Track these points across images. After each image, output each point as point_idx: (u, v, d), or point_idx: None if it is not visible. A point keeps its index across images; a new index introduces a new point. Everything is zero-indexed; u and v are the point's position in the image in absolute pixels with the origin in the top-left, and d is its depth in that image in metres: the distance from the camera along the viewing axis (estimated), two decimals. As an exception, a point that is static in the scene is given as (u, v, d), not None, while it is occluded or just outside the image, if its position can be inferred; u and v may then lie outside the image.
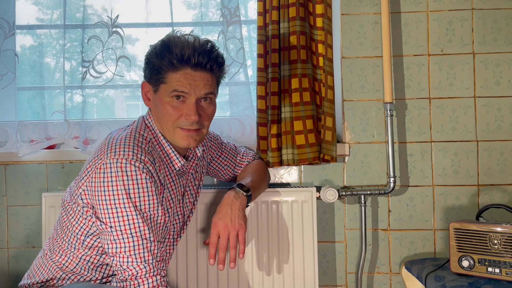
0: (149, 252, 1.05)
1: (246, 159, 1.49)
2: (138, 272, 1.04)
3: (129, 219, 1.04)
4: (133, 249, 1.04)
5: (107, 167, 1.04)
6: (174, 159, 1.18)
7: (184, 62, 1.09)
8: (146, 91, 1.19)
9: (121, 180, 1.03)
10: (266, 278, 1.48)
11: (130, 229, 1.04)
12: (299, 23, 1.53)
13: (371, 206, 1.61)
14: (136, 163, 1.05)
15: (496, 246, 1.23)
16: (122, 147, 1.06)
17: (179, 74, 1.10)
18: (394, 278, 1.61)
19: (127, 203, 1.03)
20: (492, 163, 1.60)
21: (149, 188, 1.06)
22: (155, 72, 1.12)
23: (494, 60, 1.61)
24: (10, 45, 1.66)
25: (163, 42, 1.13)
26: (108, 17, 1.65)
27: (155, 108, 1.17)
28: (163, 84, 1.12)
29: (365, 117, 1.62)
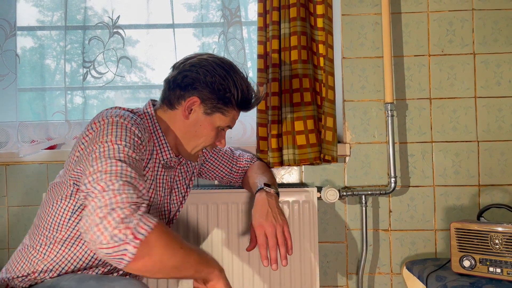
0: (125, 175, 0.95)
1: (243, 159, 1.48)
2: (109, 185, 0.92)
3: (110, 148, 0.99)
4: (110, 169, 0.95)
5: (97, 121, 1.06)
6: (164, 150, 1.19)
7: (247, 109, 1.24)
8: (191, 105, 1.16)
9: (111, 125, 1.04)
10: (267, 278, 1.48)
11: (110, 156, 0.98)
12: (300, 24, 1.53)
13: (372, 207, 1.61)
14: (127, 120, 1.06)
15: (497, 246, 1.23)
16: (115, 113, 1.08)
17: (237, 114, 1.23)
18: (395, 279, 1.61)
19: (113, 141, 1.00)
20: (493, 163, 1.60)
21: (136, 135, 1.05)
22: (221, 102, 1.16)
23: (494, 61, 1.61)
24: (11, 46, 1.66)
25: (243, 86, 1.18)
26: (109, 18, 1.65)
27: (192, 124, 1.18)
28: (220, 114, 1.18)
29: (365, 118, 1.62)
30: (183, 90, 1.16)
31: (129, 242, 0.87)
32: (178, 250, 0.94)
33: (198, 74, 1.15)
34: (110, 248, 0.87)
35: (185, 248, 0.96)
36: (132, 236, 0.87)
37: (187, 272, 0.98)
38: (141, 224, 0.89)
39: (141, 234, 0.88)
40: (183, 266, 0.96)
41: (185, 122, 1.18)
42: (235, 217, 1.49)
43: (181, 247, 0.95)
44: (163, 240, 0.91)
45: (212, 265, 1.03)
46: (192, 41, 1.79)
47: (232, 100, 1.17)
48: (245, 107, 1.22)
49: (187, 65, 1.17)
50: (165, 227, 0.94)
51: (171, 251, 0.93)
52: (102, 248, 0.87)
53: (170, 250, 0.92)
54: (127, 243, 0.87)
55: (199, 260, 0.99)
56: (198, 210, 1.50)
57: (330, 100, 1.53)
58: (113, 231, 0.87)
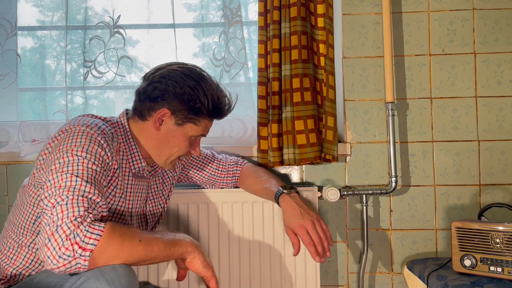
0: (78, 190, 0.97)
1: (227, 162, 1.48)
2: (59, 201, 0.94)
3: (70, 160, 1.00)
4: (64, 184, 0.97)
5: (65, 129, 1.08)
6: (136, 159, 1.19)
7: (220, 117, 1.24)
8: (162, 117, 1.16)
9: (76, 134, 1.05)
10: (268, 277, 1.48)
11: (68, 170, 0.99)
12: (300, 23, 1.53)
13: (372, 206, 1.61)
14: (93, 129, 1.07)
15: (498, 245, 1.23)
16: (83, 122, 1.09)
17: (210, 122, 1.23)
18: (396, 278, 1.61)
19: (74, 152, 1.02)
20: (494, 163, 1.60)
21: (100, 145, 1.05)
22: (191, 112, 1.16)
23: (495, 60, 1.61)
24: (12, 45, 1.66)
25: (214, 96, 1.17)
26: (110, 17, 1.65)
27: (164, 135, 1.18)
28: (192, 124, 1.18)
29: (366, 117, 1.63)
30: (153, 102, 1.16)
31: (78, 257, 0.89)
32: (136, 244, 0.96)
33: (167, 86, 1.14)
34: (62, 267, 0.90)
35: (146, 239, 0.97)
36: (81, 250, 0.90)
37: (156, 259, 1.00)
38: (89, 235, 0.91)
39: (90, 244, 0.90)
40: (148, 256, 0.98)
41: (157, 133, 1.18)
42: (239, 216, 1.49)
43: (140, 240, 0.96)
44: (117, 240, 0.93)
45: (183, 244, 1.04)
46: (193, 41, 1.79)
47: (203, 110, 1.17)
48: (217, 116, 1.23)
49: (157, 76, 1.16)
50: (118, 228, 0.96)
51: (129, 248, 0.94)
52: (54, 268, 0.90)
53: (127, 247, 0.94)
54: (76, 258, 0.89)
55: (165, 245, 1.01)
56: (199, 210, 1.50)
57: (331, 99, 1.53)
58: (60, 250, 0.89)
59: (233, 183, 1.49)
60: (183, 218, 1.50)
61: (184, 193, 1.50)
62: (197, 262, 1.06)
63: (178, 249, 1.03)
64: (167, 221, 1.50)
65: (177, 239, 1.04)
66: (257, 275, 1.48)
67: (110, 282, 0.89)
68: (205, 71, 1.21)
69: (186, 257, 1.05)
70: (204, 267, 1.07)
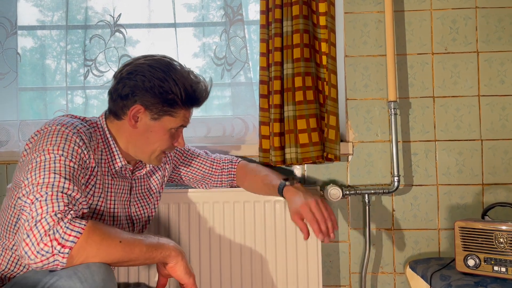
0: (56, 186, 0.96)
1: (222, 161, 1.46)
2: (38, 197, 0.93)
3: (46, 158, 1.00)
4: (42, 181, 0.96)
5: (41, 129, 1.08)
6: (115, 158, 1.17)
7: (197, 105, 1.20)
8: (136, 114, 1.14)
9: (51, 134, 1.04)
10: (269, 277, 1.47)
11: (45, 167, 0.99)
12: (303, 21, 1.52)
13: (375, 206, 1.60)
14: (68, 128, 1.06)
15: (502, 245, 1.22)
16: (58, 122, 1.08)
17: (188, 112, 1.19)
18: (398, 278, 1.60)
19: (50, 150, 1.01)
20: (497, 162, 1.59)
21: (76, 144, 1.04)
22: (166, 104, 1.13)
23: (498, 59, 1.60)
24: (12, 44, 1.65)
25: (186, 84, 1.13)
26: (110, 16, 1.65)
27: (142, 132, 1.15)
28: (169, 116, 1.15)
29: (368, 116, 1.62)
30: (125, 100, 1.13)
31: (56, 254, 0.89)
32: (116, 245, 0.94)
33: (136, 81, 1.11)
34: (40, 262, 0.89)
35: (126, 240, 0.96)
36: (60, 247, 0.89)
37: (137, 261, 0.99)
38: (69, 232, 0.90)
39: (69, 242, 0.89)
40: (128, 257, 0.97)
41: (135, 131, 1.15)
42: (241, 216, 1.48)
43: (120, 241, 0.95)
44: (96, 240, 0.92)
45: (166, 248, 1.03)
46: (193, 41, 1.78)
47: (177, 101, 1.13)
48: (193, 104, 1.18)
49: (124, 73, 1.14)
50: (98, 226, 0.95)
51: (107, 248, 0.93)
52: (31, 264, 0.89)
53: (106, 248, 0.93)
54: (54, 254, 0.89)
55: (148, 248, 1.00)
56: (203, 209, 1.49)
57: (333, 98, 1.52)
58: (39, 245, 0.88)
59: (230, 181, 1.47)
60: (177, 218, 1.49)
61: (179, 192, 1.49)
62: (179, 268, 1.04)
63: (160, 252, 1.02)
64: (163, 222, 1.49)
65: (160, 243, 1.03)
66: (259, 276, 1.47)
67: (82, 280, 0.88)
68: (175, 60, 1.17)
69: (168, 261, 1.04)
70: (186, 273, 1.05)
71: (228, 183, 1.48)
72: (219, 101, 1.78)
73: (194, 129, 1.67)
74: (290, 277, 1.47)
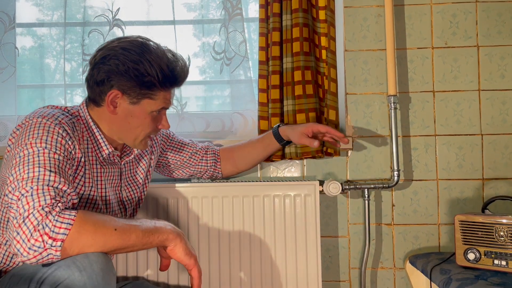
0: (42, 180, 0.95)
1: (203, 145, 1.46)
2: (24, 193, 0.92)
3: (30, 152, 0.98)
4: (26, 176, 0.95)
5: (22, 123, 1.06)
6: (101, 146, 1.15)
7: (177, 85, 1.16)
8: (114, 99, 1.11)
9: (32, 127, 1.03)
10: (268, 272, 1.46)
11: (29, 161, 0.97)
12: (302, 15, 1.52)
13: (374, 201, 1.60)
14: (50, 120, 1.04)
15: (502, 238, 1.21)
16: (39, 114, 1.07)
17: (168, 93, 1.15)
18: (398, 273, 1.59)
19: (33, 144, 0.99)
20: (497, 157, 1.58)
21: (60, 135, 1.03)
22: (144, 87, 1.10)
23: (498, 53, 1.59)
24: (10, 39, 1.65)
25: (162, 64, 1.09)
26: (109, 10, 1.64)
27: (123, 117, 1.13)
28: (148, 99, 1.12)
29: (368, 111, 1.61)
30: (101, 86, 1.10)
31: (49, 248, 0.87)
32: (111, 233, 0.93)
33: (110, 66, 1.08)
34: (33, 258, 0.88)
35: (121, 228, 0.95)
36: (52, 240, 0.87)
37: (135, 247, 0.98)
38: (58, 224, 0.89)
39: (60, 234, 0.88)
40: (125, 244, 0.95)
41: (115, 117, 1.13)
42: (239, 211, 1.48)
43: (115, 229, 0.94)
44: (89, 229, 0.91)
45: (163, 231, 1.01)
46: (193, 40, 1.77)
47: (154, 82, 1.09)
48: (172, 84, 1.14)
49: (98, 58, 1.10)
50: (90, 216, 0.93)
51: (102, 236, 0.92)
52: (25, 260, 0.88)
53: (101, 236, 0.92)
54: (47, 249, 0.87)
55: (144, 233, 0.98)
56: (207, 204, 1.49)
57: (333, 92, 1.51)
58: (30, 241, 0.87)
59: (214, 161, 1.45)
60: (175, 211, 1.49)
61: (181, 187, 1.48)
62: (178, 250, 1.03)
63: (158, 236, 1.00)
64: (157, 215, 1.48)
65: (157, 227, 1.01)
66: (258, 271, 1.47)
67: (81, 269, 0.87)
68: (151, 40, 1.13)
69: (167, 244, 1.02)
70: (186, 254, 1.03)
71: (212, 163, 1.45)
72: (218, 100, 1.77)
73: (193, 124, 1.66)
74: (290, 273, 1.46)
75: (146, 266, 1.47)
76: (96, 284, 0.88)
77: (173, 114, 1.64)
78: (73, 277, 0.86)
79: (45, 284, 0.87)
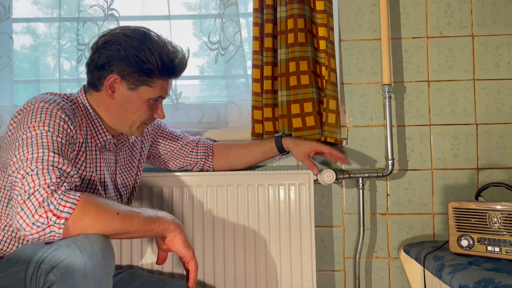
0: (46, 160, 0.96)
1: (196, 138, 1.47)
2: (29, 172, 0.93)
3: (33, 135, 0.99)
4: (31, 156, 0.96)
5: (23, 108, 1.07)
6: (99, 132, 1.17)
7: (175, 76, 1.19)
8: (113, 83, 1.13)
9: (35, 111, 1.04)
10: (262, 262, 1.46)
11: (32, 143, 0.98)
12: (297, 6, 1.51)
13: (369, 190, 1.60)
14: (52, 105, 1.06)
15: (496, 225, 1.21)
16: (41, 99, 1.08)
17: (165, 82, 1.17)
18: (393, 263, 1.59)
19: (36, 127, 1.00)
20: (492, 146, 1.58)
21: (62, 119, 1.04)
22: (143, 74, 1.12)
23: (493, 43, 1.59)
24: (6, 29, 1.65)
25: (162, 53, 1.12)
26: (104, 0, 1.64)
27: (120, 102, 1.15)
28: (146, 86, 1.14)
29: (363, 100, 1.61)
30: (101, 70, 1.12)
31: (52, 225, 0.88)
32: (113, 217, 0.94)
33: (112, 51, 1.11)
34: (36, 234, 0.89)
35: (123, 213, 0.96)
36: (56, 218, 0.88)
37: (135, 234, 0.98)
38: (63, 203, 0.90)
39: (64, 212, 0.89)
40: (126, 229, 0.96)
41: (113, 101, 1.15)
42: (233, 200, 1.48)
43: (117, 213, 0.95)
44: (92, 211, 0.92)
45: (164, 221, 1.02)
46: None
47: (153, 70, 1.12)
48: (170, 74, 1.17)
49: (100, 43, 1.13)
50: (94, 198, 0.94)
51: (104, 219, 0.93)
52: (28, 235, 0.89)
53: (103, 219, 0.93)
54: (50, 225, 0.88)
55: (146, 220, 0.99)
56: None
57: (333, 82, 1.50)
58: (34, 217, 0.88)
59: (205, 154, 1.46)
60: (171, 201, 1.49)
61: (182, 176, 1.49)
62: (177, 241, 1.04)
63: (158, 225, 1.01)
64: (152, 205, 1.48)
65: (158, 216, 1.02)
66: (252, 261, 1.46)
67: (82, 249, 0.88)
68: (152, 31, 1.16)
69: (166, 234, 1.03)
70: (185, 246, 1.04)
71: (202, 161, 1.46)
72: (213, 90, 1.77)
73: (188, 115, 1.66)
74: (284, 263, 1.46)
75: (141, 255, 1.47)
76: (96, 264, 0.89)
77: (168, 104, 1.63)
78: (73, 256, 0.87)
79: (45, 263, 0.87)
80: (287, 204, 1.47)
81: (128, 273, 1.34)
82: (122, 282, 1.29)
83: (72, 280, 0.86)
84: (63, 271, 0.86)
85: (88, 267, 0.87)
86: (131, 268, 1.44)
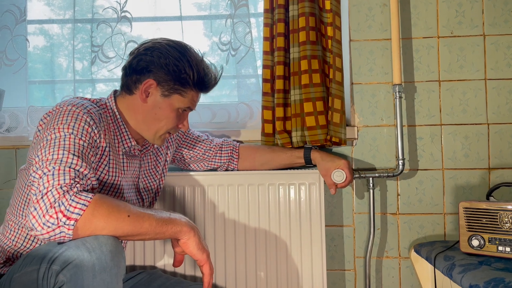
0: (65, 162, 0.98)
1: (221, 143, 1.50)
2: (46, 172, 0.95)
3: (57, 136, 1.02)
4: (51, 157, 0.98)
5: (52, 110, 1.11)
6: (125, 138, 1.21)
7: (206, 90, 1.24)
8: (148, 88, 1.17)
9: (62, 114, 1.07)
10: (273, 261, 1.47)
11: (55, 144, 1.01)
12: (308, 4, 1.52)
13: (379, 190, 1.60)
14: (79, 108, 1.09)
15: (507, 225, 1.21)
16: (69, 102, 1.11)
17: (196, 95, 1.23)
18: (403, 263, 1.59)
19: (60, 129, 1.03)
20: (503, 146, 1.57)
21: (87, 123, 1.07)
22: (177, 83, 1.17)
23: (505, 42, 1.58)
24: (21, 31, 1.68)
25: (199, 67, 1.18)
26: (117, 2, 1.66)
27: (151, 107, 1.18)
28: (179, 95, 1.19)
29: (373, 100, 1.61)
30: (139, 74, 1.17)
31: (62, 225, 0.90)
32: (124, 219, 0.95)
33: (152, 57, 1.15)
34: (46, 234, 0.90)
35: (135, 215, 0.96)
36: (65, 219, 0.90)
37: (147, 236, 0.99)
38: (74, 204, 0.91)
39: (74, 214, 0.91)
40: (137, 231, 0.97)
41: (144, 106, 1.19)
42: (244, 199, 1.49)
43: (128, 215, 0.95)
44: (103, 213, 0.93)
45: (177, 223, 1.03)
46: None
47: (188, 81, 1.17)
48: (203, 88, 1.22)
49: (142, 49, 1.18)
50: (106, 200, 0.95)
51: (115, 221, 0.94)
52: (39, 235, 0.91)
53: (113, 221, 0.94)
54: (60, 226, 0.90)
55: (158, 222, 0.99)
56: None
57: (338, 82, 1.52)
58: (45, 217, 0.90)
59: (229, 157, 1.49)
60: (182, 201, 1.51)
61: (193, 175, 1.50)
62: (191, 243, 1.04)
63: (172, 227, 1.01)
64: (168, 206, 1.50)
65: (172, 218, 1.03)
66: (263, 260, 1.48)
67: (90, 250, 0.89)
68: (192, 46, 1.22)
69: (180, 237, 1.03)
70: (199, 249, 1.04)
71: (226, 164, 1.50)
72: (224, 90, 1.79)
73: (199, 115, 1.68)
74: (294, 262, 1.47)
75: (163, 256, 1.49)
76: (104, 265, 0.90)
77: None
78: (82, 257, 0.88)
79: (55, 264, 0.89)
80: (297, 204, 1.48)
81: (147, 274, 1.36)
82: (139, 284, 1.31)
83: (81, 281, 0.87)
84: (73, 272, 0.87)
85: (96, 268, 0.88)
86: (154, 269, 1.46)
